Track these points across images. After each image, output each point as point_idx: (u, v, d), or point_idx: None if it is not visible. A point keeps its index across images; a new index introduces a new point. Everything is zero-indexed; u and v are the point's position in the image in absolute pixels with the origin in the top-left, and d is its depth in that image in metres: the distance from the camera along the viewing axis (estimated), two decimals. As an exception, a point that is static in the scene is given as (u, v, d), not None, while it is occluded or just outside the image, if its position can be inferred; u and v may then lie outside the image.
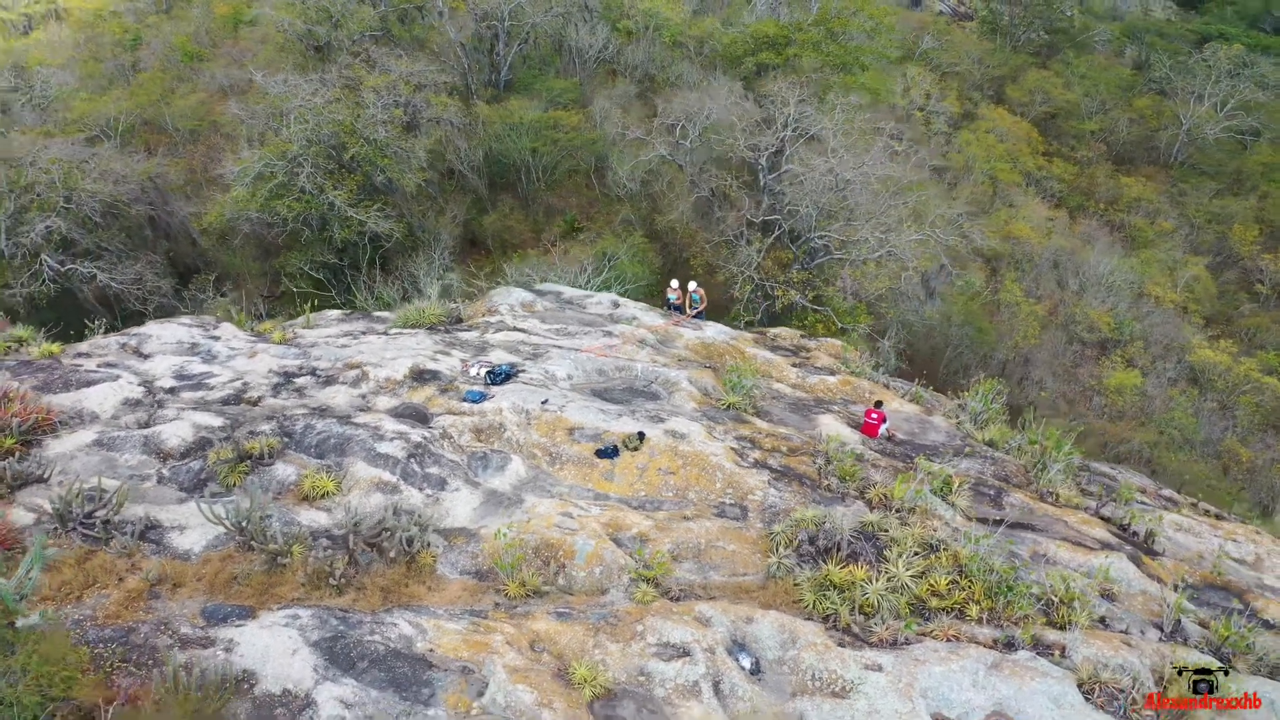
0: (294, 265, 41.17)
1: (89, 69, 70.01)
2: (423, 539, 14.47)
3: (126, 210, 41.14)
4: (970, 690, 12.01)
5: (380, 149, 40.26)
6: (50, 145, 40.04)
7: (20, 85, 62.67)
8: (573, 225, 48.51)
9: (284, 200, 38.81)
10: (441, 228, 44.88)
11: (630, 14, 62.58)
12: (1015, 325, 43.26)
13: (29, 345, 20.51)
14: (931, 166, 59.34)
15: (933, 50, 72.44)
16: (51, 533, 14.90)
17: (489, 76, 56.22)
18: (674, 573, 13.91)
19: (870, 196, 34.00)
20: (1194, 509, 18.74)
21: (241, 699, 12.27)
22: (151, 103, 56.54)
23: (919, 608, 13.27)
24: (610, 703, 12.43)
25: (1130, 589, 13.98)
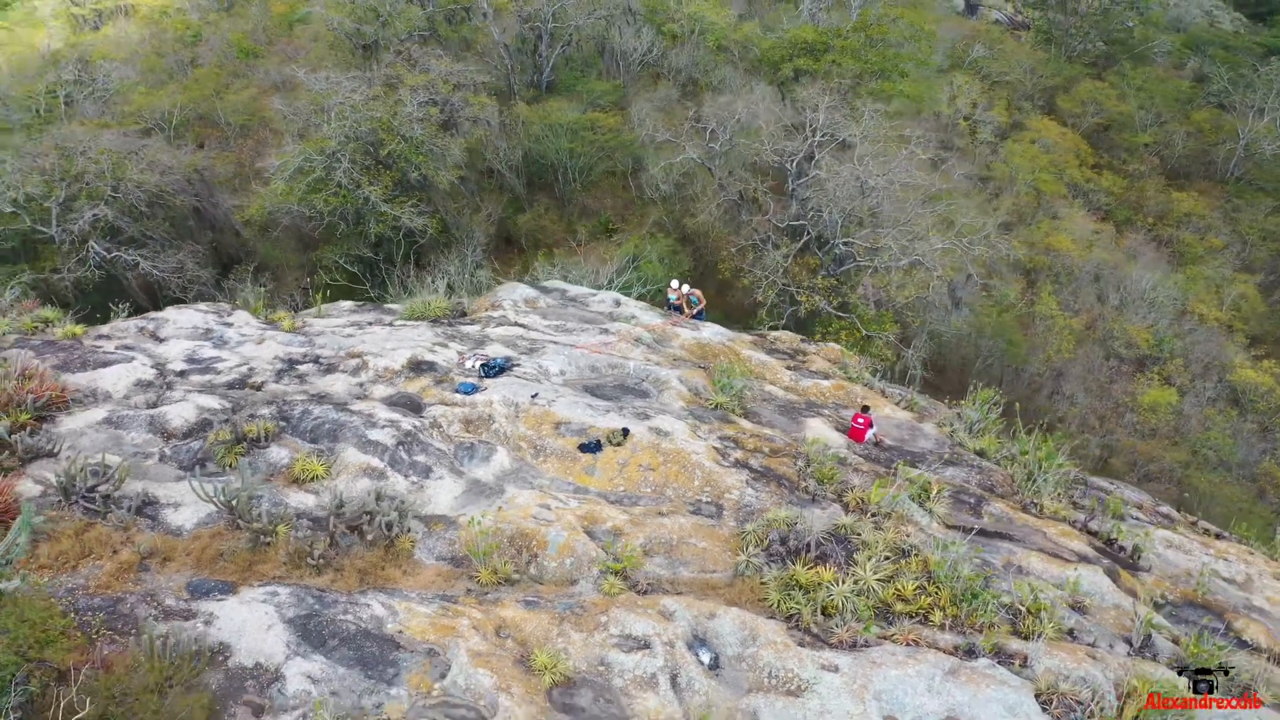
0: (330, 258, 42.12)
1: (150, 63, 72.26)
2: (402, 524, 14.83)
3: (171, 201, 42.44)
4: (925, 695, 12.01)
5: (416, 146, 41.02)
6: (102, 136, 41.43)
7: (84, 78, 64.67)
8: (607, 226, 48.90)
9: (321, 194, 39.75)
10: (476, 225, 45.56)
11: (675, 18, 62.86)
12: (1049, 339, 42.63)
13: (54, 326, 21.37)
14: (977, 176, 58.83)
15: (982, 59, 71.57)
16: (55, 505, 15.55)
17: (532, 77, 56.88)
18: (644, 567, 14.09)
19: (895, 204, 33.78)
20: (1192, 527, 18.40)
21: (215, 670, 12.73)
22: (205, 97, 58.20)
23: (884, 612, 13.30)
24: (569, 690, 12.65)
25: (1103, 603, 13.84)
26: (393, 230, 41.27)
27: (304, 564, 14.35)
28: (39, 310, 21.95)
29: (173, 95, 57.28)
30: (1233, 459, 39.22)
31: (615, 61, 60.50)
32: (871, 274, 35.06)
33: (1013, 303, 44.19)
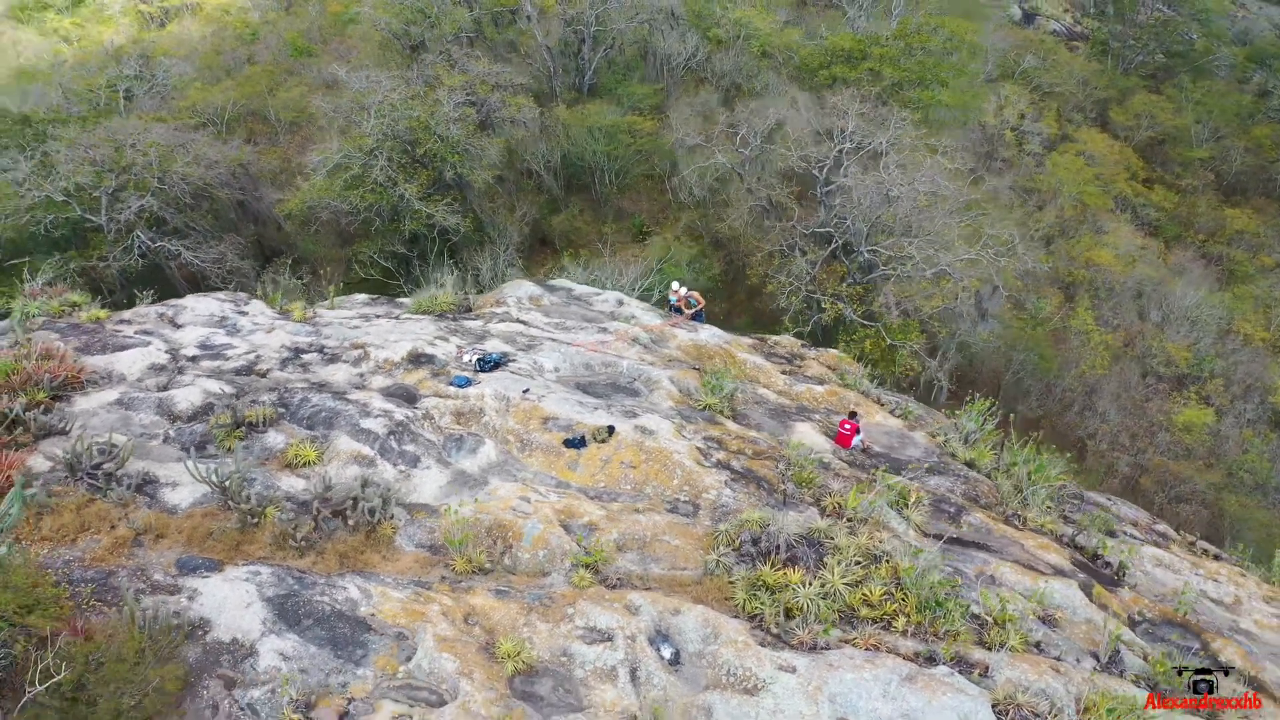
0: (366, 253, 42.96)
1: (208, 60, 74.28)
2: (385, 511, 15.21)
3: (215, 194, 43.61)
4: (879, 700, 12.04)
5: (452, 146, 41.67)
6: (151, 129, 42.75)
7: (144, 74, 66.60)
8: (641, 229, 49.18)
9: (358, 191, 40.59)
10: (510, 225, 46.11)
11: (721, 23, 62.95)
12: (1084, 354, 41.93)
13: (80, 310, 22.20)
14: (1022, 188, 58.07)
15: (1033, 69, 70.54)
16: (62, 480, 16.22)
17: (574, 80, 57.39)
18: (615, 561, 14.28)
19: (921, 213, 33.53)
20: (1189, 547, 18.07)
21: (194, 644, 13.19)
22: (257, 94, 59.67)
23: (849, 616, 13.34)
24: (530, 679, 12.89)
25: (1075, 617, 13.71)
26: (427, 227, 41.98)
27: (288, 545, 14.79)
28: (68, 295, 22.80)
29: (226, 91, 58.80)
30: (1269, 483, 38.22)
31: (658, 66, 60.77)
32: (897, 283, 34.83)
33: (1047, 316, 43.53)
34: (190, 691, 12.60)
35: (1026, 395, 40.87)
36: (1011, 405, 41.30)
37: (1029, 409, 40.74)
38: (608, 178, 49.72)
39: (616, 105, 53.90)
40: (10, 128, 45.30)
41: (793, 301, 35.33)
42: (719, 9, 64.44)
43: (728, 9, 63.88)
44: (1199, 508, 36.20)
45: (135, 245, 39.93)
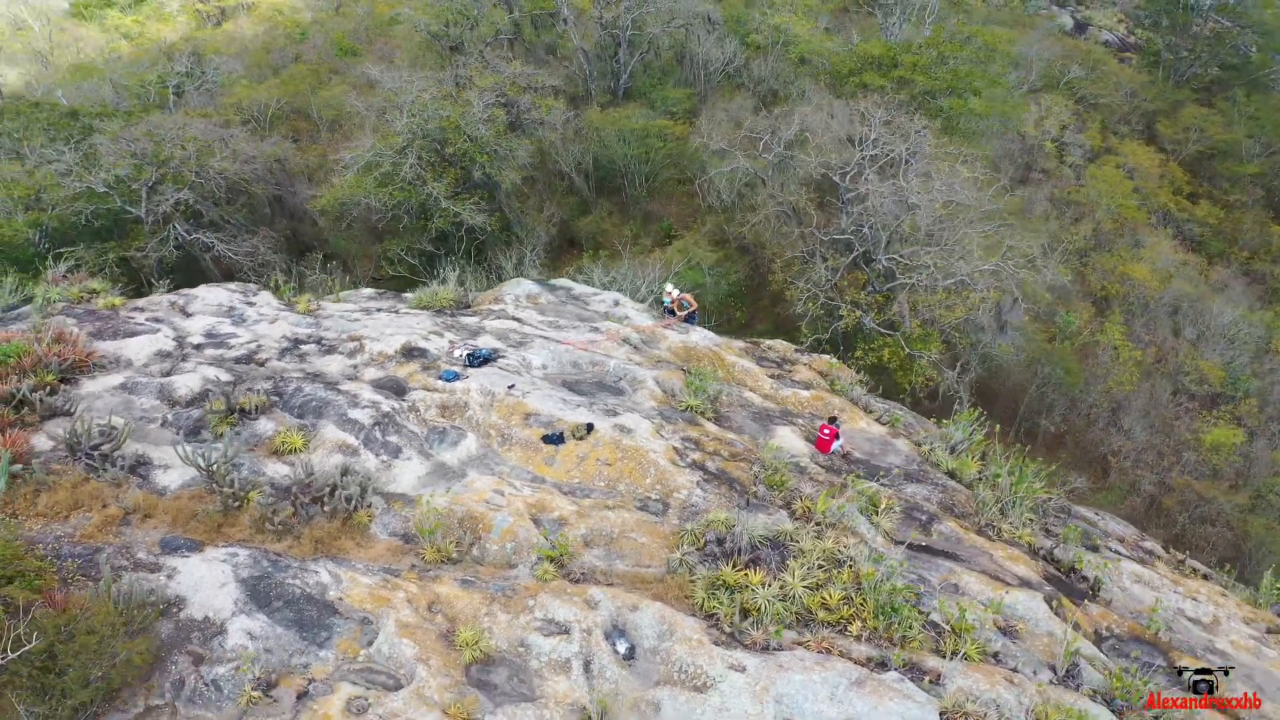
0: (394, 251, 43.65)
1: (257, 59, 75.92)
2: (363, 500, 15.57)
3: (250, 188, 44.62)
4: (826, 703, 12.08)
5: (481, 146, 42.19)
6: (190, 125, 43.88)
7: (194, 71, 68.20)
8: (668, 232, 49.33)
9: (388, 188, 41.29)
10: (538, 225, 46.54)
11: (760, 28, 62.93)
12: (1112, 369, 41.24)
13: (98, 297, 22.94)
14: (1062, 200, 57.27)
15: (1078, 80, 69.44)
16: (62, 460, 16.83)
17: (609, 83, 57.72)
18: (581, 556, 14.47)
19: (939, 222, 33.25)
20: (1178, 566, 17.77)
21: (168, 620, 13.63)
22: (300, 92, 60.90)
23: (806, 619, 13.39)
24: (486, 667, 13.13)
25: (1037, 629, 13.61)
26: (454, 226, 42.54)
27: (266, 529, 15.21)
28: (87, 282, 23.56)
29: (270, 89, 60.08)
30: (1299, 506, 37.26)
31: (695, 70, 60.90)
32: (916, 291, 34.60)
33: (1076, 331, 42.88)
34: (160, 665, 13.03)
35: (1050, 410, 40.29)
36: (1034, 419, 40.85)
37: (1052, 423, 40.20)
38: (637, 181, 49.95)
39: (650, 109, 54.12)
40: (59, 121, 46.78)
41: (810, 308, 35.24)
42: (758, 15, 64.44)
43: (766, 15, 63.84)
44: (1223, 529, 35.43)
45: (171, 236, 41.02)
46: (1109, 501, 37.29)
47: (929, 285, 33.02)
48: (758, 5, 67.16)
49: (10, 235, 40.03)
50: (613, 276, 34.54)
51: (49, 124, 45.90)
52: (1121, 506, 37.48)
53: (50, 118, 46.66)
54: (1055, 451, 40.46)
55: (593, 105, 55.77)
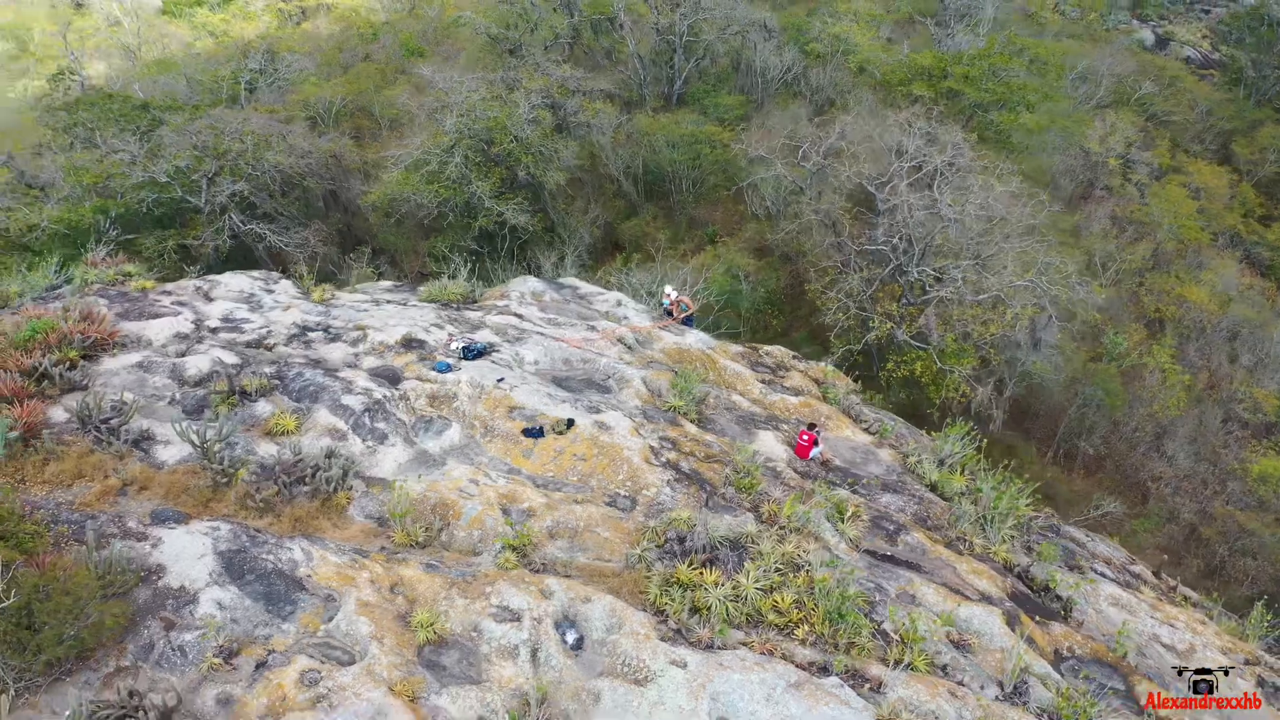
0: (439, 248, 44.57)
1: (329, 57, 78.13)
2: (344, 483, 16.08)
3: (305, 182, 46.01)
4: (761, 703, 12.15)
5: (526, 147, 42.87)
6: (250, 119, 45.44)
7: (267, 68, 70.47)
8: (712, 239, 49.43)
9: (434, 186, 42.23)
10: (582, 227, 47.05)
11: (820, 37, 62.66)
12: (1159, 393, 40.09)
13: (132, 280, 23.99)
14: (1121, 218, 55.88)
15: (1150, 96, 67.60)
16: (73, 431, 17.71)
17: (663, 89, 58.06)
18: (545, 547, 14.75)
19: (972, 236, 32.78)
20: (1169, 592, 17.32)
21: (146, 587, 14.28)
22: (364, 90, 62.52)
23: (756, 620, 13.47)
24: (439, 649, 13.49)
25: (991, 644, 13.45)
26: (497, 225, 43.30)
27: (249, 506, 15.82)
28: (123, 266, 24.66)
29: (334, 87, 61.78)
30: (1349, 544, 35.72)
31: (752, 77, 60.91)
32: (947, 305, 34.14)
33: (1124, 352, 41.76)
34: (133, 629, 13.67)
35: (1090, 432, 39.32)
36: (1074, 441, 39.94)
37: (1092, 446, 39.22)
38: (684, 186, 50.16)
39: (702, 115, 54.32)
40: (130, 113, 48.86)
41: (840, 318, 35.03)
42: (819, 23, 64.18)
43: (827, 24, 63.55)
44: (1265, 563, 34.18)
45: (226, 227, 42.54)
46: (1145, 528, 36.31)
47: (959, 299, 32.55)
48: (819, 14, 66.93)
49: (77, 220, 41.88)
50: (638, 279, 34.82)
51: (120, 115, 47.98)
52: (1158, 534, 36.50)
53: (123, 109, 48.75)
54: (1094, 474, 39.54)
55: (645, 110, 56.20)
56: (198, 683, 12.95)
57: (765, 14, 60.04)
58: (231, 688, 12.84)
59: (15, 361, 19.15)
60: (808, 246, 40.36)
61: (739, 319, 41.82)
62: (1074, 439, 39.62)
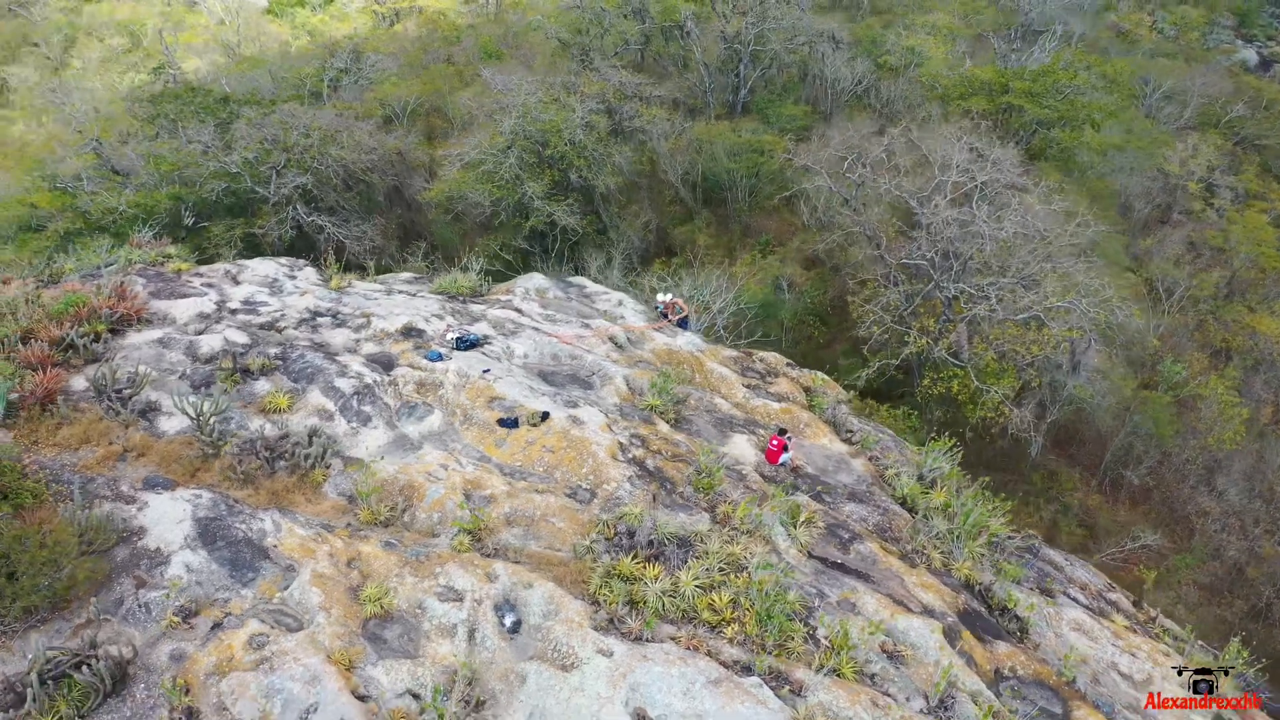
0: (491, 246, 45.54)
1: (412, 58, 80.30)
2: (322, 461, 16.77)
3: (368, 177, 47.52)
4: (679, 697, 12.33)
5: (579, 150, 43.53)
6: (318, 116, 47.16)
7: (351, 67, 72.82)
8: (765, 248, 49.36)
9: (488, 185, 43.22)
10: (634, 231, 47.51)
11: (893, 50, 62.03)
12: (1214, 425, 38.58)
13: (170, 261, 25.27)
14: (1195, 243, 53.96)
15: (1241, 120, 64.97)
16: (89, 399, 18.82)
17: (728, 97, 58.20)
18: (500, 533, 15.16)
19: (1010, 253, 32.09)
20: (1144, 621, 16.80)
21: (126, 546, 15.18)
22: (438, 91, 64.16)
23: (692, 616, 13.63)
24: (383, 623, 14.01)
25: (925, 657, 13.32)
26: (548, 225, 44.04)
27: (231, 477, 16.61)
28: (164, 248, 25.98)
29: (410, 87, 63.57)
30: None
31: (820, 88, 60.60)
32: (978, 323, 33.50)
33: (1181, 381, 40.27)
34: (108, 584, 14.55)
35: (1138, 461, 38.03)
36: (1120, 470, 38.73)
37: (1138, 476, 37.92)
38: (740, 195, 50.21)
39: (764, 124, 54.29)
40: (212, 106, 51.18)
41: (874, 332, 34.67)
42: (893, 36, 63.54)
43: (901, 36, 62.88)
44: (1313, 606, 32.65)
45: (290, 217, 44.23)
46: (1186, 564, 35.00)
47: (991, 317, 31.95)
48: (894, 27, 66.25)
49: (152, 205, 44.06)
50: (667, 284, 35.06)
51: (201, 108, 50.28)
52: (1200, 571, 35.16)
53: (204, 102, 51.09)
54: (1139, 505, 38.27)
55: (710, 117, 56.42)
56: (156, 638, 13.72)
57: (834, 25, 59.66)
58: (186, 645, 13.57)
59: (46, 332, 20.46)
60: (850, 258, 40.04)
61: (780, 328, 41.69)
62: (1120, 468, 38.41)
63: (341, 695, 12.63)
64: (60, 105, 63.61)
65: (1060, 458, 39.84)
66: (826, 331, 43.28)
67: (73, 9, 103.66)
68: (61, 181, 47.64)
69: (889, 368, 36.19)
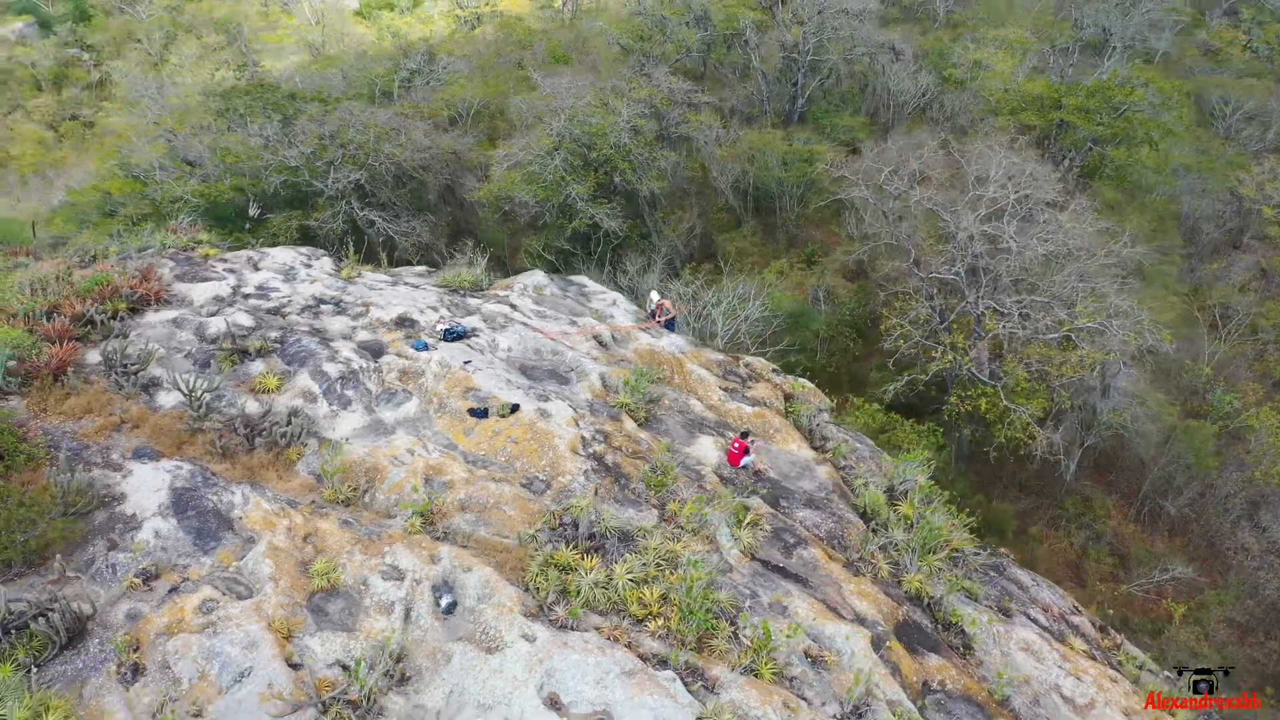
0: (535, 246, 46.27)
1: (484, 61, 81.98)
2: (299, 441, 17.44)
3: (420, 175, 48.71)
4: (591, 685, 12.57)
5: (624, 154, 43.96)
6: (376, 114, 48.55)
7: (423, 68, 74.57)
8: (810, 258, 49.10)
9: (533, 186, 43.95)
10: (677, 236, 47.75)
11: (959, 63, 61.10)
12: (1263, 458, 37.05)
13: (199, 247, 26.43)
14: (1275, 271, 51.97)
15: (1330, 141, 62.16)
16: (99, 373, 19.87)
17: (785, 106, 58.05)
18: (451, 517, 15.59)
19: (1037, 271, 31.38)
20: (1108, 648, 16.35)
21: (106, 510, 16.04)
22: (502, 93, 65.37)
23: (621, 608, 13.85)
24: (328, 597, 14.55)
25: (849, 664, 13.26)
26: (591, 228, 44.55)
27: (211, 451, 17.39)
28: (196, 234, 27.18)
29: (475, 89, 64.92)
30: None
31: (880, 99, 60.04)
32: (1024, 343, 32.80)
33: (1232, 411, 38.77)
34: (83, 545, 15.42)
35: (1178, 492, 36.74)
36: (1159, 500, 37.53)
37: (1177, 507, 36.65)
38: (789, 204, 50.04)
39: (818, 134, 54.02)
40: (279, 102, 53.04)
41: (900, 345, 34.25)
42: (960, 50, 62.58)
43: (968, 49, 61.89)
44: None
45: (343, 212, 45.61)
46: (1220, 600, 33.71)
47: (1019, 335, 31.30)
48: (963, 40, 65.21)
49: (215, 195, 45.88)
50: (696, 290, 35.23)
51: (269, 104, 52.16)
52: (1235, 608, 33.84)
53: (272, 98, 52.97)
54: (1177, 537, 36.99)
55: (766, 125, 56.35)
56: (117, 598, 14.49)
57: (894, 37, 59.06)
58: (143, 605, 14.31)
59: (70, 308, 21.66)
60: (879, 270, 39.65)
61: (815, 339, 41.44)
62: (1159, 498, 37.18)
63: (275, 661, 13.18)
64: (153, 99, 66.57)
65: (1097, 484, 38.74)
66: (863, 344, 42.86)
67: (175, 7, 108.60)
68: (135, 170, 49.98)
69: (920, 383, 35.67)
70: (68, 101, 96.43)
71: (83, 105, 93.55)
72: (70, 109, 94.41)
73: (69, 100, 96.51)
